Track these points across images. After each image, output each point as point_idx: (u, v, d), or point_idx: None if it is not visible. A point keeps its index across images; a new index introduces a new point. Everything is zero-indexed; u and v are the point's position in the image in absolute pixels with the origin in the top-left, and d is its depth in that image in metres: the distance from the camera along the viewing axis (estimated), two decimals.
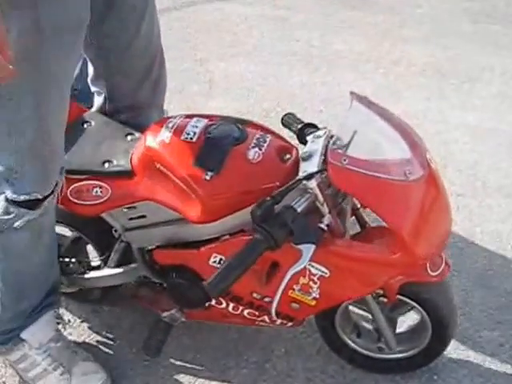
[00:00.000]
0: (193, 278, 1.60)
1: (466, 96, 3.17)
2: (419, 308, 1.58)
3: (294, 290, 1.49)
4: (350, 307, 1.73)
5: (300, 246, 1.38)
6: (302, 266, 1.40)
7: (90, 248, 1.87)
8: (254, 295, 1.56)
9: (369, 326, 1.74)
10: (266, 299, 1.55)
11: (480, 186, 2.53)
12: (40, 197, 1.47)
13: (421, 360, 1.72)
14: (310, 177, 1.36)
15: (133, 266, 1.74)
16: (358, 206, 1.55)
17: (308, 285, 1.45)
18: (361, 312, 1.73)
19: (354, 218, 1.59)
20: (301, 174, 1.38)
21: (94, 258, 1.83)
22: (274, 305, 1.52)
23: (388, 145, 1.41)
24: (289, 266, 1.42)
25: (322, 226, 1.38)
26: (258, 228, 1.29)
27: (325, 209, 1.39)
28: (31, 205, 1.47)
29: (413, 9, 4.03)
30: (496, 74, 3.36)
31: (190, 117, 1.56)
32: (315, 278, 1.44)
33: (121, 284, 1.82)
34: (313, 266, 1.42)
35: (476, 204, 2.44)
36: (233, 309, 1.65)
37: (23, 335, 1.69)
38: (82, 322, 1.97)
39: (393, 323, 1.67)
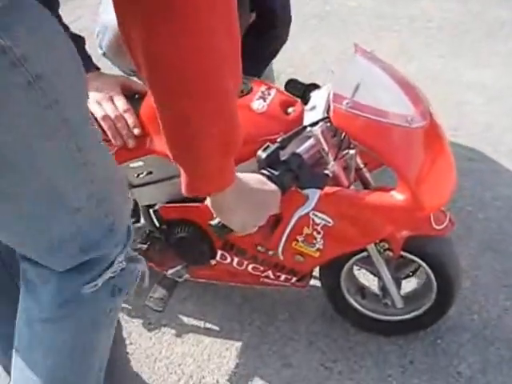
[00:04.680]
0: (198, 232, 1.72)
1: (484, 53, 3.25)
2: (423, 264, 1.68)
3: (297, 241, 1.59)
4: (356, 269, 1.84)
5: (306, 191, 1.48)
6: (309, 209, 1.49)
7: None
8: (259, 248, 1.68)
9: (374, 287, 1.86)
10: (270, 252, 1.66)
11: (491, 150, 2.64)
12: None
13: (425, 321, 1.83)
14: (314, 124, 1.47)
15: (139, 224, 1.86)
16: (361, 165, 1.65)
17: (312, 235, 1.56)
18: (364, 273, 1.83)
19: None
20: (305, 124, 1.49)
21: None
22: (280, 249, 1.62)
23: (390, 96, 1.52)
24: (294, 210, 1.52)
25: (328, 172, 1.49)
26: (264, 172, 1.39)
27: (329, 157, 1.50)
28: None
29: None
30: None
31: None
32: (319, 228, 1.55)
33: None
34: (316, 216, 1.53)
35: (487, 168, 2.54)
36: (237, 264, 1.76)
37: None
38: None
39: (398, 284, 1.77)
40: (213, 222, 1.44)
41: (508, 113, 2.84)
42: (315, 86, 1.68)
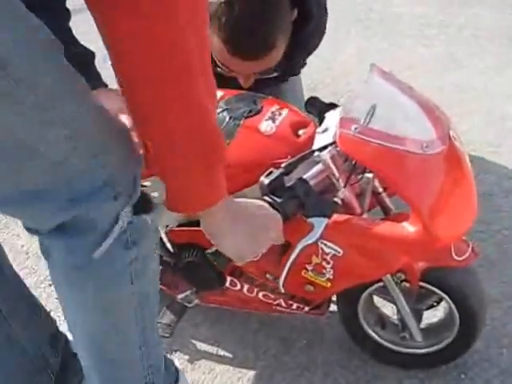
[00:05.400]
0: (206, 257, 1.65)
1: None
2: (445, 296, 1.59)
3: (307, 270, 1.52)
4: (375, 297, 1.76)
5: (312, 220, 1.41)
6: (314, 240, 1.42)
7: None
8: (268, 276, 1.61)
9: (394, 318, 1.77)
10: (280, 280, 1.60)
11: None
12: None
13: (447, 355, 1.73)
14: (323, 148, 1.40)
15: None
16: (380, 189, 1.58)
17: (321, 265, 1.49)
18: (385, 302, 1.75)
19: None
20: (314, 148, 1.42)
21: None
22: (282, 280, 1.56)
23: (407, 119, 1.43)
24: (299, 239, 1.45)
25: (336, 199, 1.41)
26: (266, 199, 1.34)
27: (339, 183, 1.42)
28: None
29: None
30: None
31: None
32: (328, 258, 1.47)
33: None
34: (325, 245, 1.45)
35: None
36: (248, 291, 1.70)
37: None
38: None
39: (418, 316, 1.68)
40: (210, 250, 1.40)
41: None
42: (333, 106, 1.61)
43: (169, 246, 1.78)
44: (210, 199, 1.07)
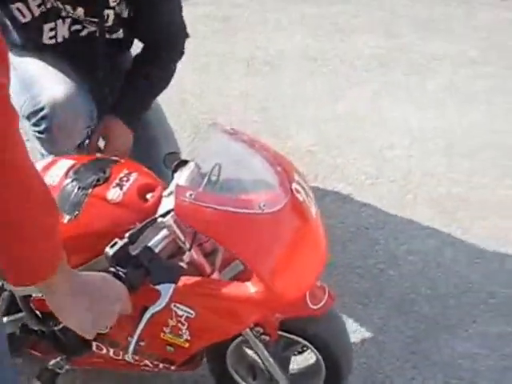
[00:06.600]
0: None
1: (411, 91, 3.29)
2: (307, 344, 1.63)
3: (165, 332, 1.54)
4: (244, 347, 1.79)
5: (159, 286, 1.44)
6: (162, 307, 1.45)
7: None
8: (130, 339, 1.62)
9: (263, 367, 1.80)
10: (141, 343, 1.61)
11: (410, 198, 2.61)
12: None
13: None
14: (165, 214, 1.42)
15: (19, 315, 1.80)
16: None
17: (177, 326, 1.50)
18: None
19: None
20: (159, 213, 1.44)
21: None
22: (131, 347, 1.58)
23: (250, 177, 1.48)
24: (148, 307, 1.47)
25: (183, 264, 1.44)
26: (112, 270, 1.35)
27: (186, 246, 1.45)
28: None
29: None
30: (445, 64, 3.50)
31: (55, 160, 1.64)
32: (182, 320, 1.49)
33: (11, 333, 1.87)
34: (178, 308, 1.47)
35: (403, 220, 2.51)
36: (114, 354, 1.70)
37: None
38: None
39: (286, 363, 1.72)
40: (57, 327, 1.40)
41: (429, 156, 2.83)
42: (186, 163, 1.63)
43: (36, 314, 1.76)
44: (38, 273, 1.08)
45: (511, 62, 3.62)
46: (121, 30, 2.06)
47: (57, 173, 1.57)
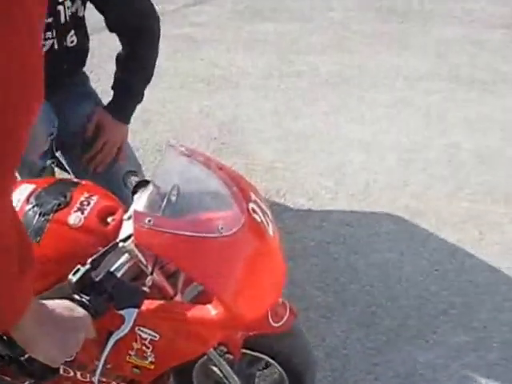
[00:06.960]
0: None
1: (367, 106, 3.38)
2: (270, 360, 1.67)
3: (130, 355, 1.57)
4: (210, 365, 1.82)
5: (123, 312, 1.46)
6: (125, 332, 1.47)
7: None
8: (96, 363, 1.64)
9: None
10: (108, 366, 1.63)
11: (369, 212, 2.67)
12: None
13: None
14: (126, 238, 1.45)
15: None
16: None
17: (142, 349, 1.53)
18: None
19: None
20: (120, 236, 1.47)
21: None
22: (98, 370, 1.59)
23: (208, 198, 1.51)
24: (111, 332, 1.49)
25: (145, 287, 1.47)
26: (76, 297, 1.37)
27: (148, 270, 1.48)
28: None
29: (323, 13, 4.29)
30: (400, 78, 3.60)
31: (16, 185, 1.65)
32: (147, 343, 1.52)
33: None
34: (142, 331, 1.50)
35: (364, 233, 2.57)
36: (81, 376, 1.72)
37: None
38: None
39: (251, 379, 1.76)
40: (23, 357, 1.41)
41: (387, 169, 2.90)
42: (146, 183, 1.66)
43: (3, 338, 1.78)
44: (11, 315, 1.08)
45: (464, 77, 3.73)
46: (73, 33, 2.08)
47: (18, 198, 1.59)
